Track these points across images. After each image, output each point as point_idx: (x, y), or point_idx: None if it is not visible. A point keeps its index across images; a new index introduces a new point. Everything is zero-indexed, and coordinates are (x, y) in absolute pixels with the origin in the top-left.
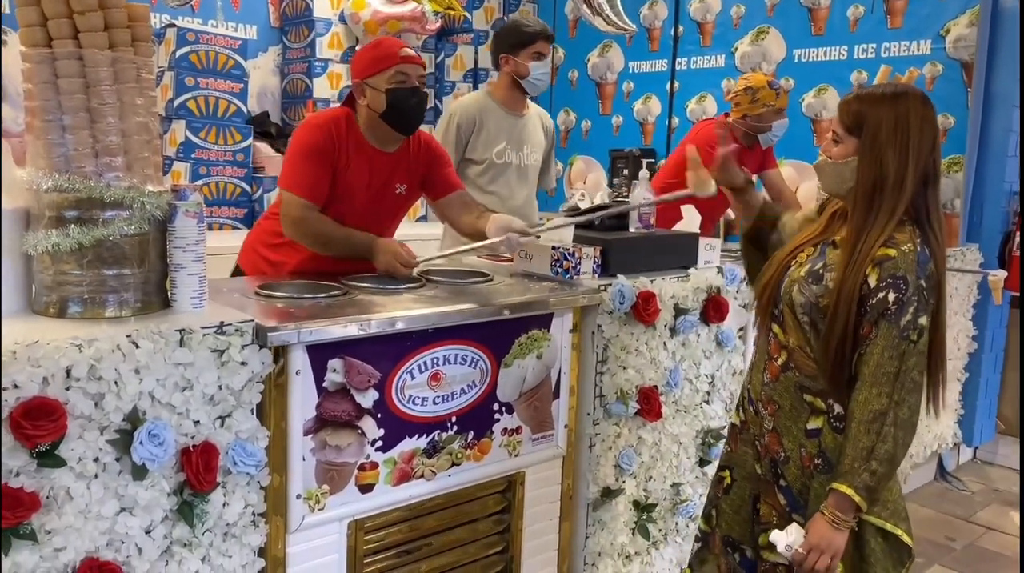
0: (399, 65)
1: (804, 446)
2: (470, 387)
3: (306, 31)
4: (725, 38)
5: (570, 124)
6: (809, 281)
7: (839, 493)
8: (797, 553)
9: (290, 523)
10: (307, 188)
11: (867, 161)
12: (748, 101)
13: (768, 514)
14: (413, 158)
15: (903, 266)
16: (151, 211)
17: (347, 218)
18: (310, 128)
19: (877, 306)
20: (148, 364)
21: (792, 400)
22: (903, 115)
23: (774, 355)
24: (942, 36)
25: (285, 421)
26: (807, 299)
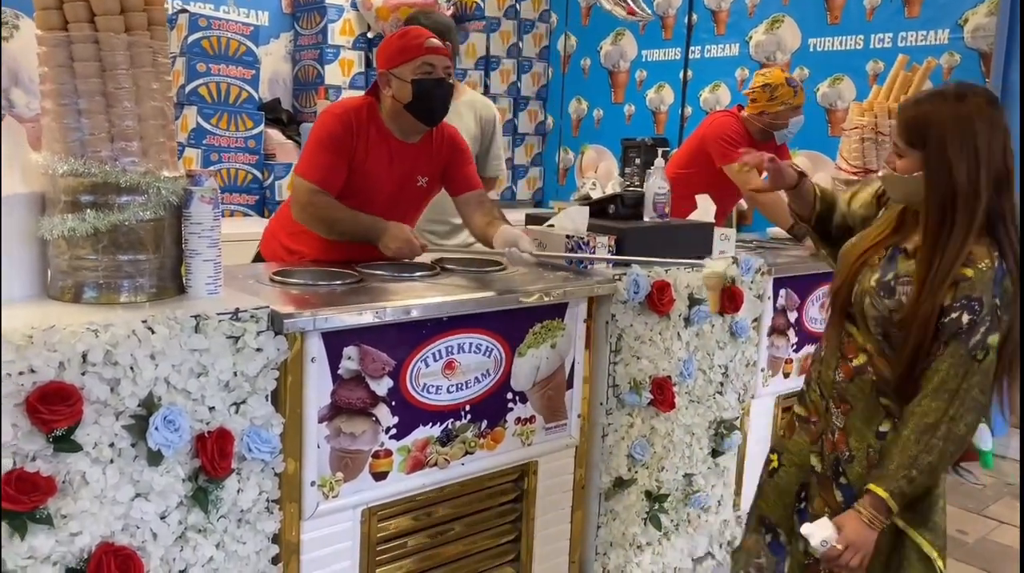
0: (425, 56)
1: (872, 447)
2: (484, 376)
3: (318, 17)
4: (739, 27)
5: (582, 113)
6: (881, 294)
7: (875, 494)
8: (833, 549)
9: (304, 510)
10: (319, 174)
11: (935, 174)
12: (766, 98)
13: (821, 509)
14: (436, 150)
15: (979, 287)
16: (167, 196)
17: (368, 208)
18: (329, 116)
19: (950, 326)
20: (164, 350)
21: (866, 402)
22: (967, 120)
23: (849, 355)
24: (960, 26)
25: (300, 408)
26: (879, 313)
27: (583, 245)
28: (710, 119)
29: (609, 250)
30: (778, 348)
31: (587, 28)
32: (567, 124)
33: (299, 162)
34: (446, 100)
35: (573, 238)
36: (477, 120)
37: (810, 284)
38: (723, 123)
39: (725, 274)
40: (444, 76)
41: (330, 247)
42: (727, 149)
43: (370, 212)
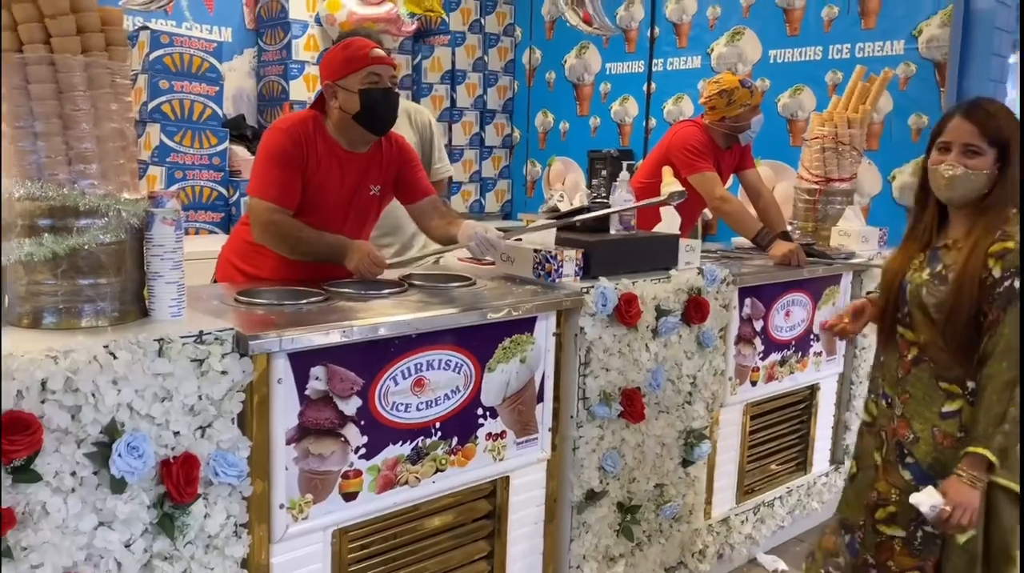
0: (372, 66)
1: (937, 426)
2: (454, 392)
3: (282, 33)
4: (701, 39)
5: (548, 126)
6: (936, 283)
7: (976, 455)
8: (943, 510)
9: (274, 533)
10: (276, 193)
11: (1011, 172)
12: (724, 104)
13: (887, 491)
14: (386, 158)
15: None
16: (127, 219)
17: (322, 221)
18: (276, 132)
19: (1005, 294)
20: (126, 375)
21: (926, 389)
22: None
23: (904, 353)
24: (915, 36)
25: (267, 430)
26: (938, 300)
27: (551, 258)
28: (673, 130)
29: (577, 264)
30: (745, 357)
31: (551, 42)
32: (534, 137)
33: (251, 182)
34: (394, 109)
35: (541, 252)
36: (413, 126)
37: (774, 293)
38: (686, 133)
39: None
40: (391, 85)
41: (285, 267)
42: (692, 159)
43: (326, 225)
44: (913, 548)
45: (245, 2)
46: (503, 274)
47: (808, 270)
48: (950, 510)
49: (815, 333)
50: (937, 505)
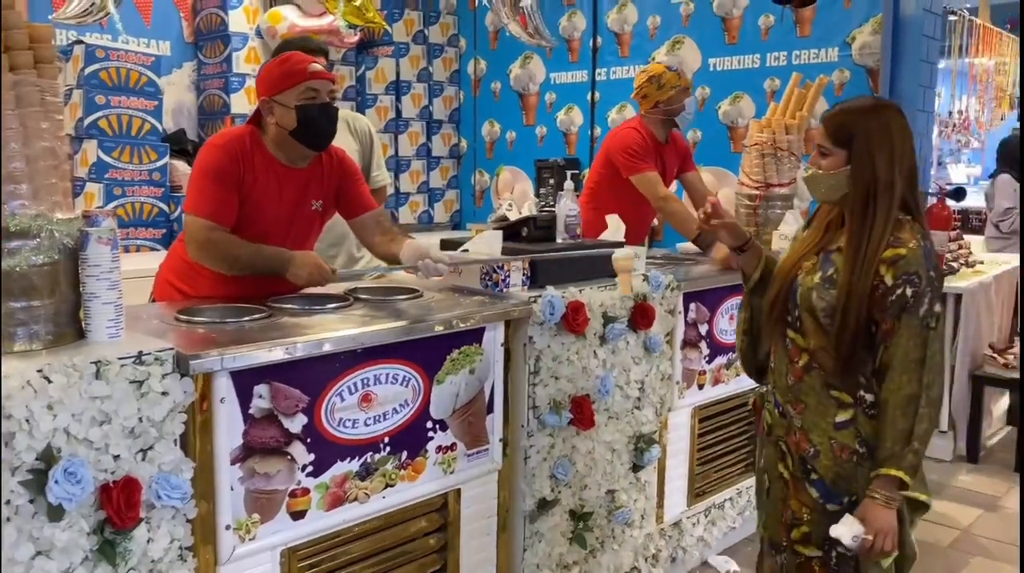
0: (309, 81)
1: (834, 439)
2: (402, 406)
3: (222, 46)
4: (643, 48)
5: (495, 135)
6: (826, 286)
7: (888, 476)
8: (866, 540)
9: (220, 555)
10: (211, 209)
11: (860, 168)
12: (655, 89)
13: (799, 510)
14: (326, 172)
15: (914, 263)
16: (61, 239)
17: (262, 237)
18: (211, 149)
19: (897, 302)
20: (62, 399)
21: (818, 397)
22: (885, 124)
23: (795, 359)
24: (848, 44)
25: (211, 451)
26: (828, 303)
27: (498, 269)
28: (612, 133)
29: (524, 273)
30: (691, 360)
31: (496, 52)
32: (481, 146)
33: (187, 199)
34: (333, 124)
35: (488, 262)
36: (354, 134)
37: (719, 297)
38: (624, 135)
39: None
40: (329, 100)
41: (223, 284)
42: (632, 161)
43: (267, 242)
44: (830, 568)
45: (183, 15)
46: (450, 285)
47: None
48: (871, 538)
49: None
50: (859, 535)
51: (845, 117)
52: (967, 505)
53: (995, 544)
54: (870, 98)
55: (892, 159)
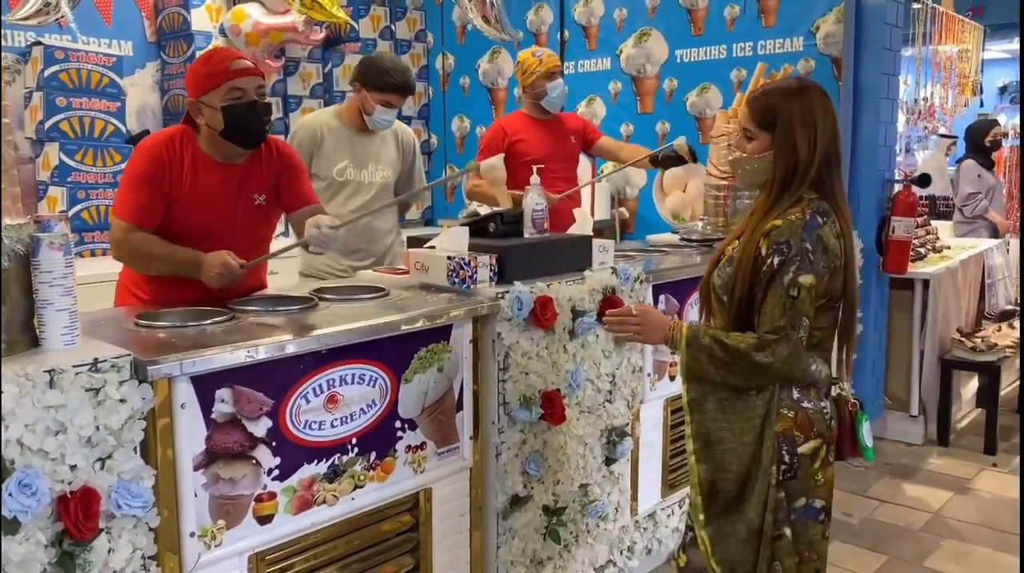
0: (233, 80)
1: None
2: (369, 407)
3: (185, 45)
4: (610, 41)
5: (465, 131)
6: (726, 266)
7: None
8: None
9: (185, 563)
10: (131, 213)
11: (783, 151)
12: (521, 75)
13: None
14: (265, 166)
15: (787, 232)
16: (11, 245)
17: (208, 236)
18: (139, 152)
19: (766, 272)
20: (14, 410)
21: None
22: (808, 106)
23: None
24: (812, 33)
25: (172, 457)
26: (723, 280)
27: (465, 265)
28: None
29: (491, 269)
30: (662, 352)
31: (463, 47)
32: (451, 142)
33: (114, 202)
34: (261, 122)
35: (455, 258)
36: (398, 146)
37: (688, 289)
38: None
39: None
40: (257, 98)
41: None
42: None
43: (214, 240)
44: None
45: (145, 14)
46: (417, 283)
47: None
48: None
49: None
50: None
51: (768, 99)
52: (938, 488)
53: (966, 526)
54: (794, 79)
55: (814, 142)
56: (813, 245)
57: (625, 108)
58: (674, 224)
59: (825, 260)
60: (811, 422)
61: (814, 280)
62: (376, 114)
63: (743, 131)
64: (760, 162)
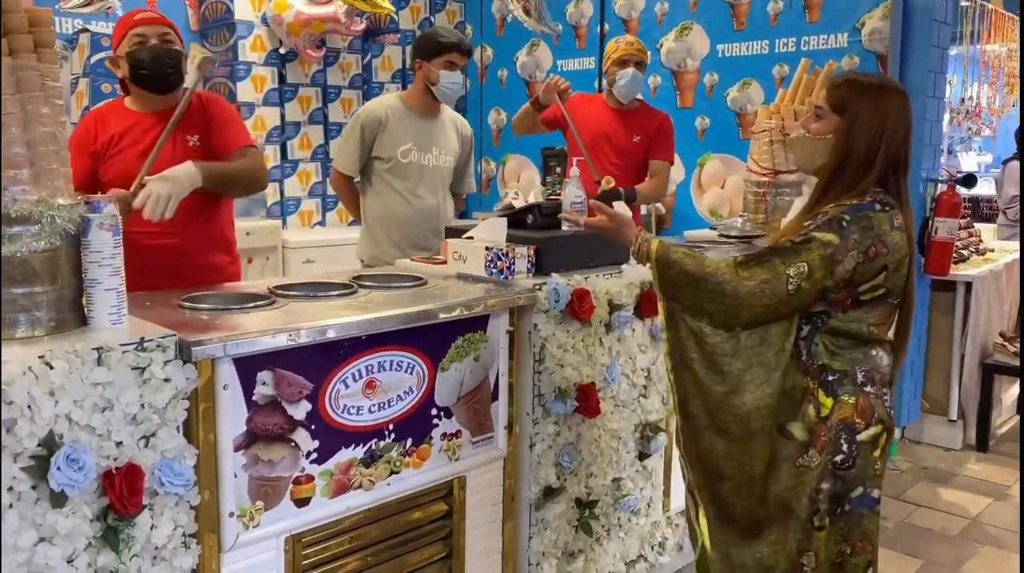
0: (135, 28)
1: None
2: (407, 393)
3: (227, 34)
4: (650, 35)
5: (501, 123)
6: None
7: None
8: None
9: (224, 542)
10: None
11: (842, 141)
12: (605, 62)
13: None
14: (196, 113)
15: (833, 212)
16: (62, 225)
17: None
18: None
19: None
20: (64, 385)
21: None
22: (881, 107)
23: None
24: (858, 29)
25: (214, 437)
26: None
27: (503, 256)
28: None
29: (529, 260)
30: None
31: (502, 39)
32: (487, 135)
33: None
34: (164, 64)
35: (493, 249)
36: (458, 137)
37: None
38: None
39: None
40: (158, 43)
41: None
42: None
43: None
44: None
45: (188, 3)
46: (455, 273)
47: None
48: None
49: None
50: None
51: (848, 88)
52: (976, 494)
53: (1004, 533)
54: (880, 77)
55: (879, 142)
56: (851, 217)
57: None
58: (712, 220)
59: (864, 238)
60: (872, 407)
61: (835, 240)
62: (442, 80)
63: (815, 109)
64: (819, 143)
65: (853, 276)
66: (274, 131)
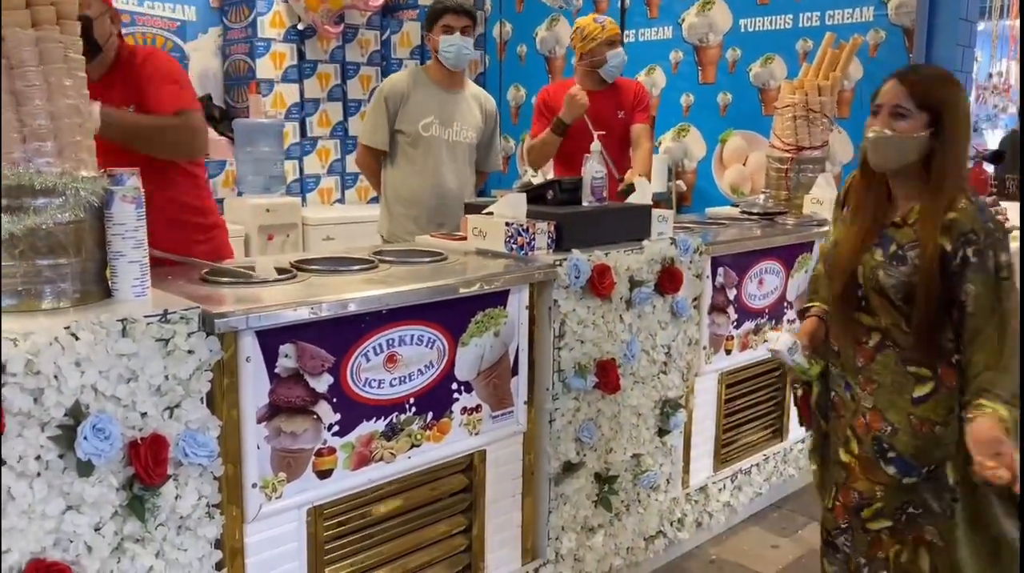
0: None
1: (913, 414)
2: (427, 368)
3: (247, 11)
4: (672, 9)
5: (520, 99)
6: (894, 263)
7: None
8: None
9: (247, 512)
10: None
11: (947, 137)
12: (580, 41)
13: (870, 489)
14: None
15: (967, 222)
16: (86, 197)
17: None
18: None
19: (962, 264)
20: (89, 356)
21: (893, 375)
22: (965, 99)
23: (863, 340)
24: (884, 3)
25: (237, 409)
26: (898, 281)
27: (523, 231)
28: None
29: (549, 236)
30: (719, 326)
31: (521, 15)
32: (506, 111)
33: None
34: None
35: (513, 225)
36: (482, 112)
37: (747, 261)
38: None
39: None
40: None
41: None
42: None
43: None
44: (896, 531)
45: None
46: (475, 248)
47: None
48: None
49: (788, 300)
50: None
51: (931, 82)
52: None
53: None
54: (940, 68)
55: (968, 134)
56: (993, 223)
57: (686, 78)
58: (733, 197)
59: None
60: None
61: (1009, 258)
62: (442, 46)
63: (894, 108)
64: (913, 142)
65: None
66: (293, 108)
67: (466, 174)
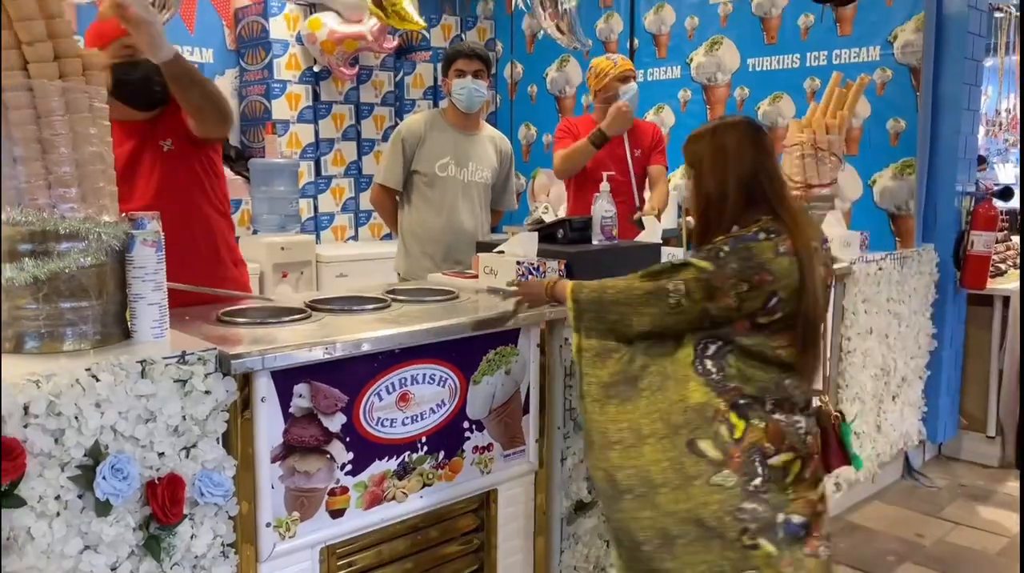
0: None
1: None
2: (439, 406)
3: (263, 53)
4: (680, 49)
5: (531, 138)
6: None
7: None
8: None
9: (261, 552)
10: None
11: (697, 189)
12: (593, 78)
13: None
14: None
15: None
16: (108, 241)
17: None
18: None
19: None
20: (109, 397)
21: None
22: (720, 144)
23: None
24: (890, 42)
25: (252, 449)
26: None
27: (534, 270)
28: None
29: (560, 274)
30: None
31: (532, 55)
32: (517, 150)
33: None
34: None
35: (524, 263)
36: (497, 153)
37: None
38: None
39: None
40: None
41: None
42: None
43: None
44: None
45: (226, 23)
46: (486, 287)
47: None
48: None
49: None
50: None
51: (688, 145)
52: (1016, 512)
53: None
54: (716, 120)
55: (724, 176)
56: (731, 248)
57: (695, 116)
58: None
59: (744, 267)
60: (783, 434)
61: (709, 266)
62: (454, 89)
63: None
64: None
65: (741, 304)
66: (308, 147)
67: (483, 213)
